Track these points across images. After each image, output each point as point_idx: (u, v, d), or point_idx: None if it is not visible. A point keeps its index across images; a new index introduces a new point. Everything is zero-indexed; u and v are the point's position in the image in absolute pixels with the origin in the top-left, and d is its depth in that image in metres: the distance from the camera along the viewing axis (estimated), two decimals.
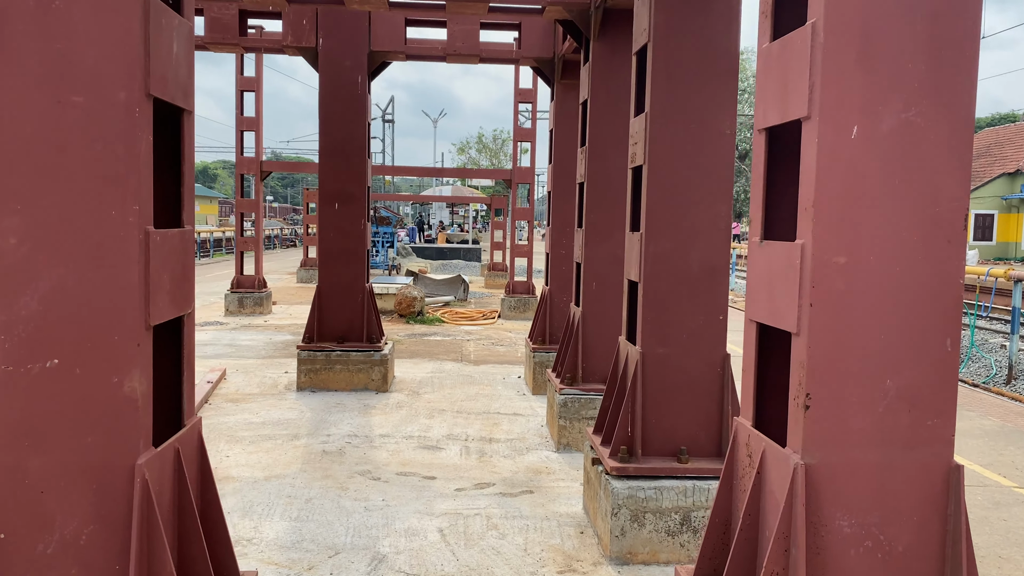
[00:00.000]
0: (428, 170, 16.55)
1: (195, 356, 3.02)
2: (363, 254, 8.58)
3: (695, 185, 4.55)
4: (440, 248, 33.49)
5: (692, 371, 4.62)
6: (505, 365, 10.24)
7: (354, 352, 8.45)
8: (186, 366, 2.85)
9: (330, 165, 8.46)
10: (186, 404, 2.84)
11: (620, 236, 6.59)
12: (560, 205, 8.66)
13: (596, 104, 6.53)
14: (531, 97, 14.72)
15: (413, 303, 14.16)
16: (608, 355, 6.63)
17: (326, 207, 8.50)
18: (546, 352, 8.56)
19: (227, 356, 10.44)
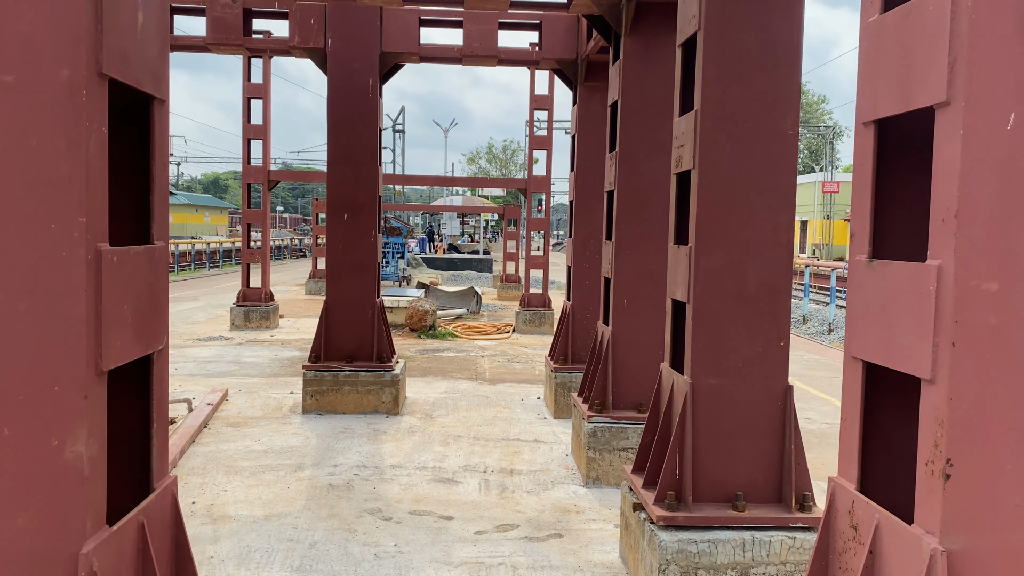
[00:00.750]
0: (439, 179, 16.08)
1: (167, 401, 2.47)
2: (374, 267, 8.05)
3: (753, 192, 3.99)
4: (451, 259, 33.00)
5: (749, 404, 4.05)
6: (523, 384, 9.68)
7: (363, 372, 7.90)
8: (156, 416, 2.30)
9: (339, 173, 7.95)
10: (156, 463, 2.29)
11: (654, 249, 6.04)
12: (583, 215, 8.11)
13: (627, 106, 5.99)
14: (547, 104, 14.21)
15: (425, 317, 13.63)
16: (642, 379, 6.07)
17: (334, 218, 7.98)
18: (568, 372, 8.00)
19: (230, 374, 9.91)
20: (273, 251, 49.33)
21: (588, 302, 8.12)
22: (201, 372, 10.02)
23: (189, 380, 9.48)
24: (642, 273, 6.05)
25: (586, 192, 8.08)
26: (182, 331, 13.74)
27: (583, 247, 8.15)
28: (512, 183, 15.54)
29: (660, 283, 6.01)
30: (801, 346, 13.95)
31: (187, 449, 6.54)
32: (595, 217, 8.06)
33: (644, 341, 6.07)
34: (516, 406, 8.49)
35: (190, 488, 5.65)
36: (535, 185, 14.52)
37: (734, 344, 4.03)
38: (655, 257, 6.05)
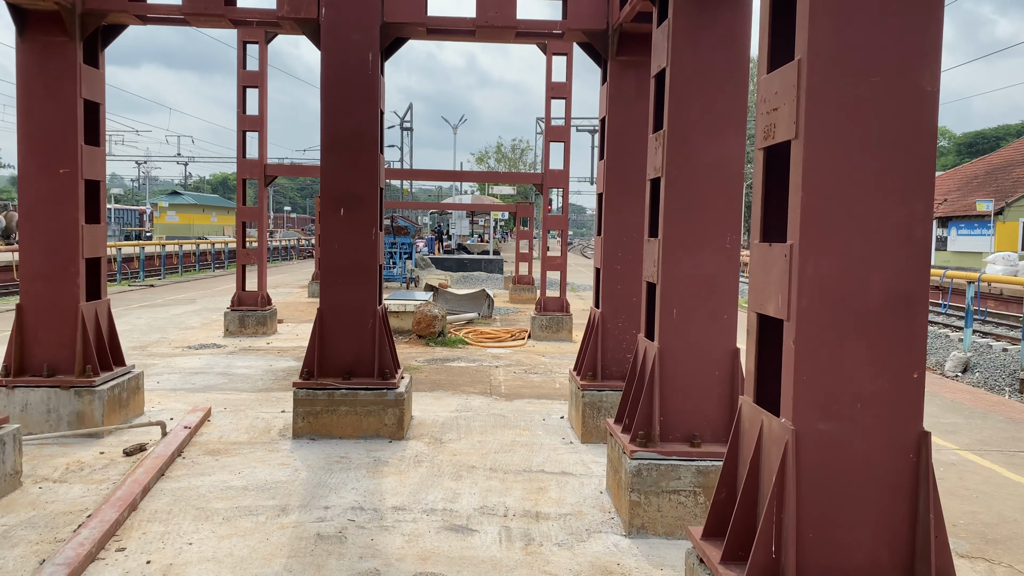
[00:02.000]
0: (448, 173, 15.08)
1: None
2: (374, 270, 7.02)
3: (880, 170, 2.93)
4: (460, 259, 32.02)
5: (872, 458, 2.99)
6: (543, 401, 8.63)
7: (363, 391, 6.87)
8: None
9: (334, 162, 6.93)
10: None
11: (711, 249, 4.99)
12: (615, 210, 7.06)
13: (679, 74, 4.93)
14: (565, 92, 13.16)
15: (433, 322, 12.60)
16: (696, 406, 5.02)
17: (329, 213, 6.95)
18: (598, 391, 6.95)
19: (217, 388, 8.91)
20: (280, 252, 48.46)
21: (621, 310, 7.06)
22: (185, 386, 9.01)
23: (171, 396, 8.47)
24: (697, 278, 5.00)
25: (619, 183, 7.02)
26: (172, 338, 12.76)
27: (614, 247, 7.09)
28: (526, 178, 14.52)
29: (719, 291, 4.97)
30: None
31: (153, 486, 5.52)
32: (630, 212, 7.01)
33: (699, 360, 5.02)
34: (537, 427, 7.44)
35: (148, 540, 4.63)
36: (551, 180, 13.47)
37: (853, 376, 2.98)
38: (712, 259, 5.00)
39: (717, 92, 4.95)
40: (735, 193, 5.02)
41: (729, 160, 5.01)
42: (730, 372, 5.07)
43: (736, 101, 4.98)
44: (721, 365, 5.06)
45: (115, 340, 7.35)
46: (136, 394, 7.46)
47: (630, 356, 7.10)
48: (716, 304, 5.03)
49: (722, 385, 5.06)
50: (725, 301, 5.04)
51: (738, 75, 4.97)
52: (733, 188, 5.02)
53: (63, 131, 6.67)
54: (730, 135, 4.99)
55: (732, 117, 4.99)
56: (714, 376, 5.05)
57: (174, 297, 20.07)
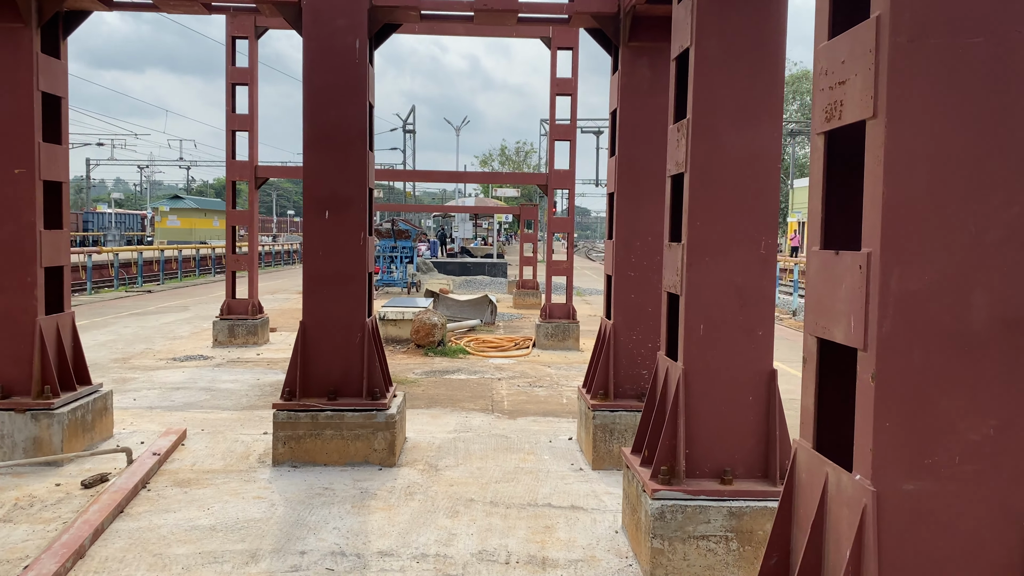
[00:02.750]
0: (451, 174, 14.45)
1: None
2: (363, 278, 6.38)
3: (985, 158, 2.27)
4: (463, 263, 31.38)
5: (974, 530, 2.33)
6: (549, 419, 7.96)
7: (350, 413, 6.22)
8: None
9: (317, 160, 6.28)
10: None
11: (743, 254, 4.33)
12: (628, 212, 6.40)
13: (705, 54, 4.28)
14: (570, 88, 12.50)
15: (433, 331, 11.95)
16: (727, 435, 4.35)
17: (313, 216, 6.31)
18: (610, 412, 6.28)
19: (197, 406, 8.26)
20: (282, 256, 47.88)
21: (635, 321, 6.40)
22: (163, 404, 8.37)
23: (146, 415, 7.83)
24: (726, 289, 4.34)
25: (632, 182, 6.36)
26: (158, 348, 12.13)
27: (627, 251, 6.43)
28: (531, 178, 13.88)
29: (752, 302, 4.31)
30: None
31: (108, 527, 4.87)
32: (645, 213, 6.35)
33: (730, 382, 4.36)
34: (543, 451, 6.78)
35: None
36: (557, 180, 12.81)
37: (950, 422, 2.31)
38: (745, 266, 4.34)
39: (749, 73, 4.29)
40: (770, 190, 4.36)
41: (763, 152, 4.35)
42: (766, 397, 4.40)
43: (770, 83, 4.32)
44: (755, 388, 4.40)
45: (80, 357, 6.72)
46: (103, 416, 6.82)
47: (646, 373, 6.44)
48: (749, 318, 4.37)
49: (757, 412, 4.40)
50: (759, 314, 4.38)
51: (772, 52, 4.31)
52: (767, 184, 4.36)
53: (17, 127, 6.04)
54: (764, 123, 4.33)
55: (766, 102, 4.34)
56: (747, 401, 4.39)
57: (167, 304, 19.47)
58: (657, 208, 6.37)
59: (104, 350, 11.88)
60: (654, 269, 6.39)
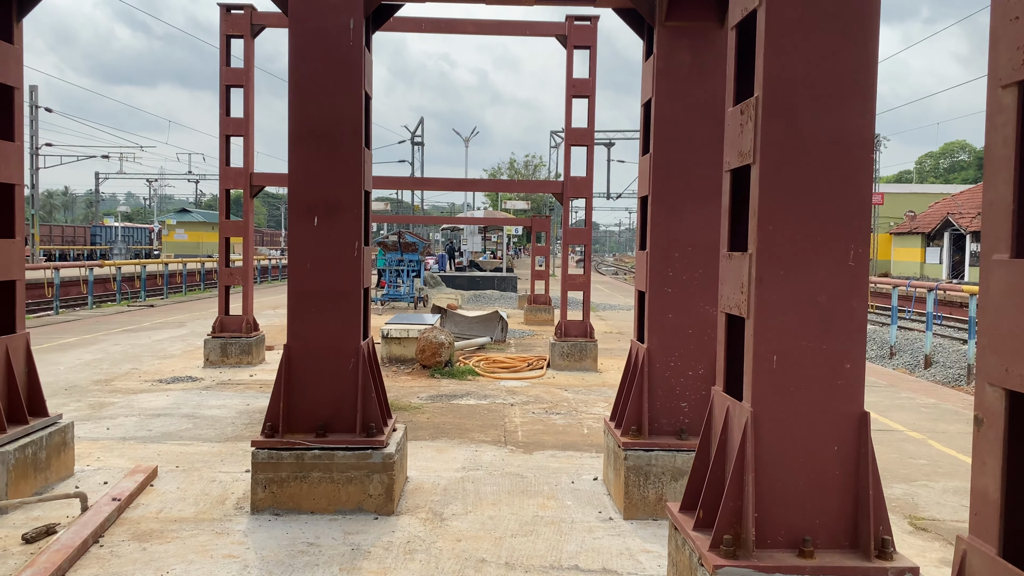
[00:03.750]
0: (460, 182, 13.64)
1: None
2: (358, 295, 5.50)
3: None
4: (472, 277, 30.58)
5: None
6: (569, 453, 7.05)
7: (341, 451, 5.33)
8: None
9: (305, 159, 5.44)
10: None
11: (828, 266, 3.44)
12: (666, 216, 5.51)
13: (780, 15, 3.40)
14: (588, 89, 11.66)
15: (439, 350, 11.06)
16: (805, 496, 3.45)
17: (300, 224, 5.45)
18: (645, 451, 5.38)
19: (176, 437, 7.39)
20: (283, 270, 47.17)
21: (674, 345, 5.50)
22: (139, 434, 7.50)
23: (117, 448, 6.96)
24: (807, 309, 3.45)
25: (669, 182, 5.49)
26: (146, 368, 11.29)
27: (664, 264, 5.54)
28: (544, 186, 13.03)
29: (839, 327, 3.42)
30: (907, 385, 11.23)
31: None
32: (686, 219, 5.47)
33: (811, 429, 3.46)
34: (565, 494, 5.87)
35: None
36: (573, 188, 11.93)
37: None
38: (830, 281, 3.45)
39: (835, 39, 3.41)
40: (860, 184, 3.48)
41: (852, 137, 3.46)
42: (855, 447, 3.49)
43: (863, 51, 3.45)
44: (842, 436, 3.49)
45: (35, 384, 5.86)
46: (61, 452, 5.95)
47: (686, 406, 5.54)
48: (835, 346, 3.47)
49: (844, 465, 3.49)
50: (847, 343, 3.48)
51: (866, 12, 3.43)
52: (858, 177, 3.47)
53: None
54: (854, 101, 3.45)
55: (857, 74, 3.45)
56: (831, 453, 3.48)
57: (164, 320, 18.67)
58: (700, 213, 5.49)
59: (88, 370, 11.04)
60: (696, 285, 5.51)
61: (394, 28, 11.39)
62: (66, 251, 62.45)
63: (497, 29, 12.01)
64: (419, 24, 11.55)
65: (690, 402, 5.53)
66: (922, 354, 17.67)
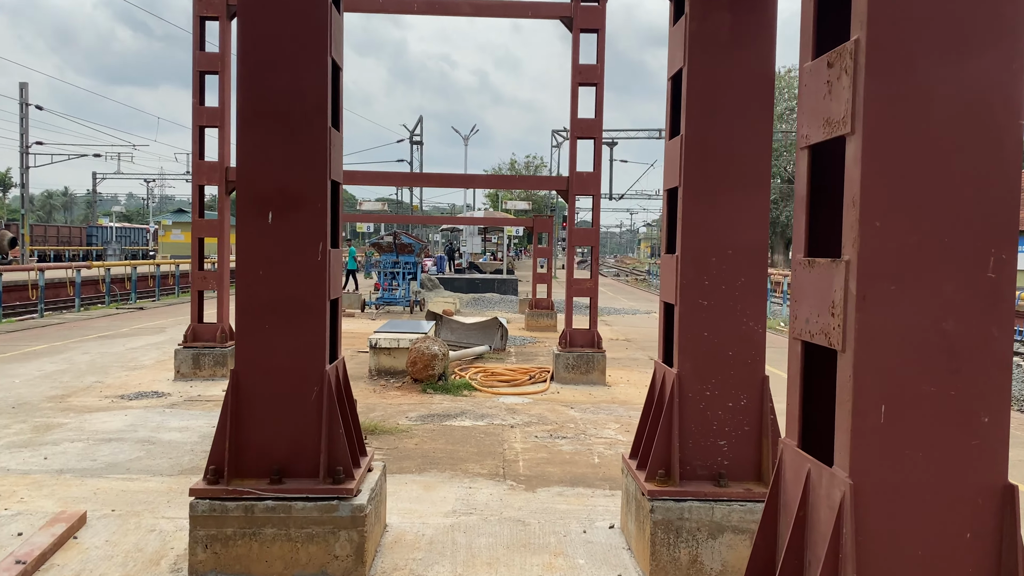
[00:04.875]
0: (460, 177, 12.65)
1: None
2: (321, 309, 4.49)
3: None
4: (471, 280, 29.57)
5: None
6: (579, 490, 6.03)
7: (300, 502, 4.32)
8: None
9: (257, 141, 4.43)
10: None
11: (957, 279, 2.43)
12: (701, 212, 4.49)
13: None
14: (595, 77, 10.64)
15: (433, 363, 10.04)
16: None
17: (249, 221, 4.44)
18: (676, 501, 4.36)
19: (122, 470, 6.38)
20: None
21: (710, 370, 4.49)
22: (80, 465, 6.48)
23: (48, 484, 5.95)
24: (929, 342, 2.43)
25: (706, 171, 4.47)
26: (110, 382, 10.28)
27: (698, 271, 4.52)
28: (548, 183, 12.05)
29: (970, 365, 2.39)
30: None
31: None
32: (726, 215, 4.46)
33: (933, 507, 2.44)
34: (576, 549, 4.85)
35: None
36: (579, 184, 10.91)
37: None
38: (964, 303, 2.44)
39: None
40: (1007, 164, 2.47)
41: (990, 99, 2.45)
42: (995, 530, 2.48)
43: None
44: (977, 517, 2.48)
45: None
46: None
47: (724, 444, 4.52)
48: (967, 391, 2.46)
49: (979, 557, 2.47)
50: (985, 385, 2.47)
51: None
52: (1003, 153, 2.46)
53: None
54: (997, 46, 2.44)
55: (997, 12, 2.44)
56: (964, 541, 2.47)
57: (145, 324, 17.67)
58: (744, 208, 4.48)
59: (45, 384, 10.04)
60: (738, 297, 4.49)
61: (383, 9, 10.40)
62: (61, 252, 61.50)
63: (496, 11, 11.01)
64: (410, 5, 10.55)
65: (730, 440, 4.52)
66: None
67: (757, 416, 4.52)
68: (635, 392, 10.20)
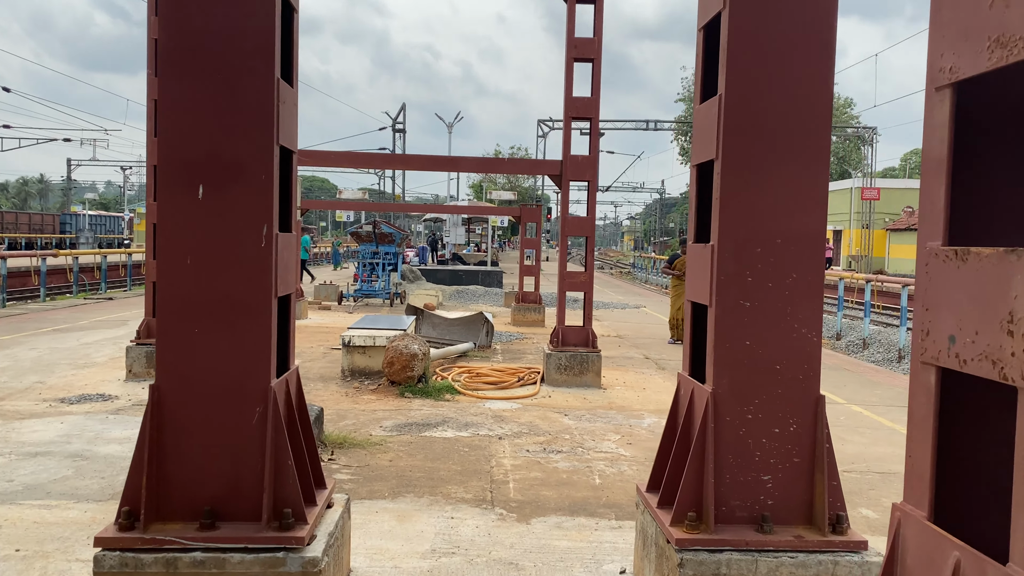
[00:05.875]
0: (444, 159, 11.69)
1: None
2: (266, 309, 3.55)
3: None
4: (455, 271, 28.65)
5: None
6: (579, 520, 5.15)
7: (237, 554, 3.39)
8: None
9: (184, 94, 3.48)
10: None
11: None
12: (743, 193, 3.60)
13: None
14: (593, 51, 9.73)
15: (411, 364, 9.12)
16: None
17: (174, 195, 3.50)
18: (711, 552, 3.48)
19: (42, 492, 5.41)
20: None
21: (755, 388, 3.61)
22: None
23: None
24: None
25: (750, 139, 3.58)
26: (54, 382, 9.27)
27: (740, 264, 3.64)
28: (540, 167, 11.13)
29: None
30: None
31: None
32: (774, 196, 3.57)
33: None
34: None
35: None
36: (573, 169, 10.01)
37: None
38: None
39: None
40: None
41: None
42: None
43: None
44: None
45: None
46: None
47: (768, 479, 3.65)
48: None
49: None
50: None
51: None
52: None
53: None
54: None
55: None
56: None
57: (108, 317, 16.59)
58: (798, 185, 3.60)
59: None
60: (788, 297, 3.61)
61: None
62: (33, 240, 59.79)
63: None
64: None
65: (776, 475, 3.64)
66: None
67: (809, 445, 3.65)
68: (633, 396, 9.34)
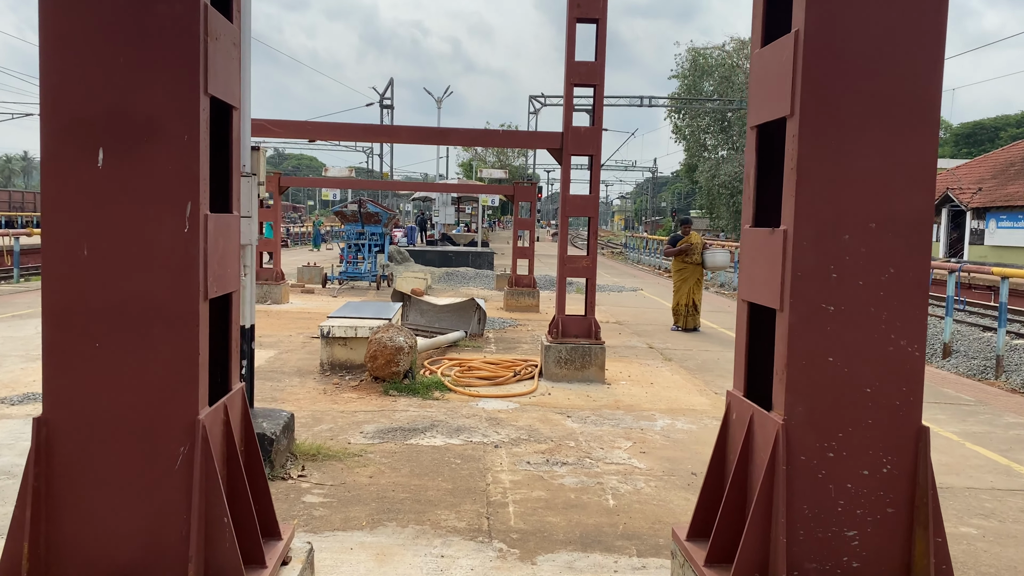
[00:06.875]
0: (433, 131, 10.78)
1: None
2: (191, 313, 2.67)
3: None
4: (444, 253, 27.74)
5: None
6: (595, 557, 4.30)
7: None
8: None
9: (70, 28, 2.57)
10: None
11: None
12: (824, 164, 2.73)
13: None
14: (598, 11, 8.78)
15: (396, 358, 8.25)
16: None
17: (64, 162, 2.60)
18: None
19: None
20: None
21: (841, 419, 2.76)
22: None
23: None
24: None
25: (843, 89, 2.70)
26: (4, 378, 8.35)
27: (824, 257, 2.78)
28: (538, 139, 10.20)
29: None
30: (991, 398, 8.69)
31: None
32: (874, 166, 2.70)
33: None
34: None
35: None
36: (576, 142, 9.10)
37: None
38: None
39: None
40: None
41: None
42: None
43: None
44: None
45: None
46: None
47: (854, 535, 2.81)
48: None
49: None
50: None
51: None
52: None
53: None
54: None
55: None
56: None
57: None
58: (897, 154, 2.73)
59: None
60: (883, 300, 2.75)
61: None
62: (13, 218, 58.33)
63: None
64: None
65: (864, 529, 2.80)
66: None
67: (908, 490, 2.81)
68: (641, 393, 8.52)
